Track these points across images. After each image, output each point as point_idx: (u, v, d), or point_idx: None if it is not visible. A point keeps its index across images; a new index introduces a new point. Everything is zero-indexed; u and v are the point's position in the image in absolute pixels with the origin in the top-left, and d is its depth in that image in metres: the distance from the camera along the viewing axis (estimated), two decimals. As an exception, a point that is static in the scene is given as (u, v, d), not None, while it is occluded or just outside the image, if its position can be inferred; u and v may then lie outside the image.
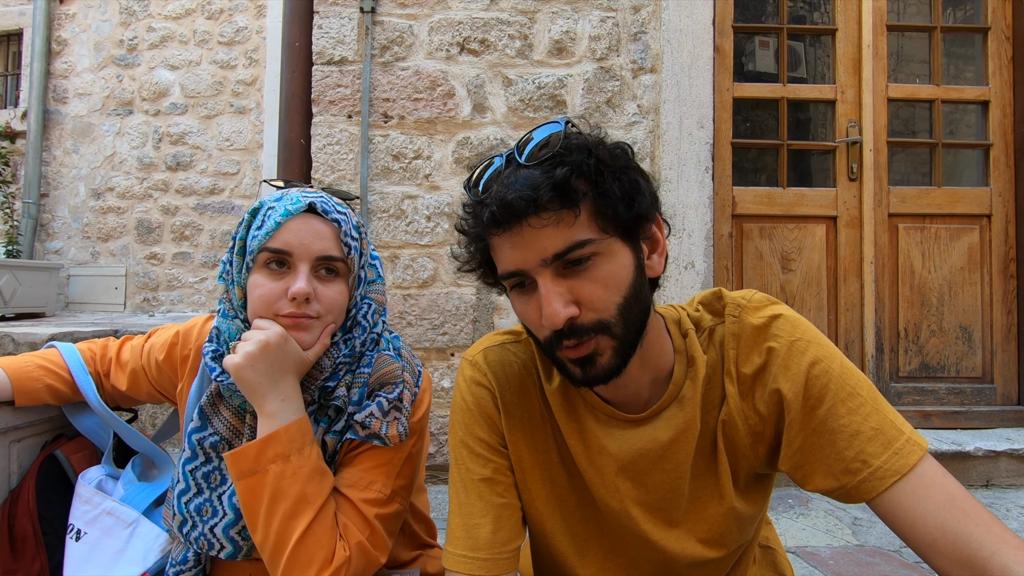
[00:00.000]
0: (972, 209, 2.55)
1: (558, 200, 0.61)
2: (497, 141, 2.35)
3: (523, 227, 0.62)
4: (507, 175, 0.65)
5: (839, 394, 0.65)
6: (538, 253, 0.63)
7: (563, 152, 0.63)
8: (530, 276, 0.65)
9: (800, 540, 1.80)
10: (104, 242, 4.91)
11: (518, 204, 0.61)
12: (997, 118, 2.57)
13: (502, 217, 0.63)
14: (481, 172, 0.68)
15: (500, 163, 0.67)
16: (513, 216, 0.62)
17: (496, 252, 0.68)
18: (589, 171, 0.63)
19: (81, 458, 1.03)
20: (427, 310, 2.33)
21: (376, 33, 2.37)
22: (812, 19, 3.75)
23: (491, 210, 0.63)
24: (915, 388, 2.49)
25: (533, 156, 0.64)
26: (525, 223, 0.62)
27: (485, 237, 0.68)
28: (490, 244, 0.68)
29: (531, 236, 0.63)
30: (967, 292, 2.53)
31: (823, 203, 2.55)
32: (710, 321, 0.75)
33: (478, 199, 0.67)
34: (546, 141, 0.65)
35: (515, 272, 0.65)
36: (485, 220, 0.64)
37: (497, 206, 0.63)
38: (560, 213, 0.62)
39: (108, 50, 4.93)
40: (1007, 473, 2.23)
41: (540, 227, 0.62)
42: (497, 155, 0.68)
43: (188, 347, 0.95)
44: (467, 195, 0.70)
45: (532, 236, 0.62)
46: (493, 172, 0.67)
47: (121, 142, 4.89)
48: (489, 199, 0.64)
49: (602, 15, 2.38)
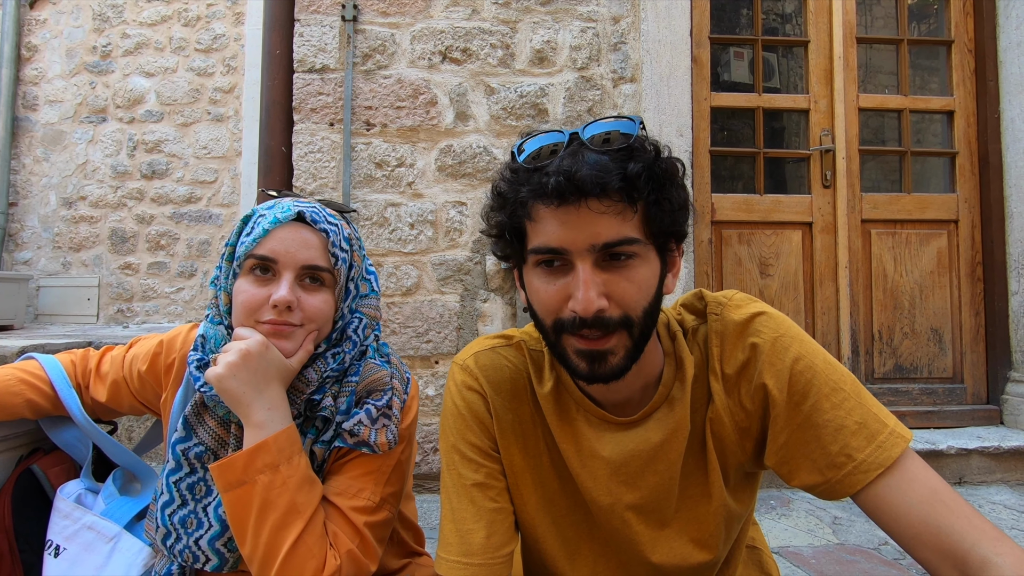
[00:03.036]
0: (940, 215, 2.64)
1: (624, 192, 0.61)
2: (480, 149, 2.36)
3: (580, 207, 0.61)
4: (572, 152, 0.63)
5: (823, 389, 0.66)
6: (589, 238, 0.62)
7: (639, 148, 0.63)
8: (569, 258, 0.63)
9: (783, 540, 1.83)
10: (76, 252, 4.79)
11: (587, 182, 0.60)
12: (962, 127, 2.67)
13: (567, 189, 0.61)
14: (533, 138, 0.67)
15: (560, 138, 0.66)
16: (577, 192, 0.60)
17: (538, 224, 0.65)
18: (656, 175, 0.63)
19: (59, 472, 1.00)
20: (411, 318, 2.32)
21: (358, 41, 2.37)
22: (784, 31, 3.85)
23: (556, 179, 0.61)
24: (890, 389, 2.56)
25: (602, 142, 0.64)
26: (584, 204, 0.61)
27: (529, 205, 0.65)
28: (532, 214, 0.65)
29: (587, 218, 0.61)
30: (937, 295, 2.61)
31: (799, 209, 2.61)
32: (692, 322, 0.76)
33: (535, 166, 0.64)
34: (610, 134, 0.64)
35: (555, 249, 0.64)
36: (548, 188, 0.62)
37: (565, 177, 0.61)
38: (622, 205, 0.62)
39: (81, 56, 4.83)
40: (978, 470, 2.30)
41: (599, 212, 0.61)
42: (553, 129, 0.67)
43: (172, 356, 0.93)
44: (515, 158, 0.67)
45: (588, 218, 0.61)
46: (549, 144, 0.65)
47: (94, 150, 4.79)
48: (552, 169, 0.62)
49: (582, 25, 2.42)
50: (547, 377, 0.78)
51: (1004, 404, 2.52)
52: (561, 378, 0.77)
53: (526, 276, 0.70)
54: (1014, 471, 2.31)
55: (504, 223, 0.69)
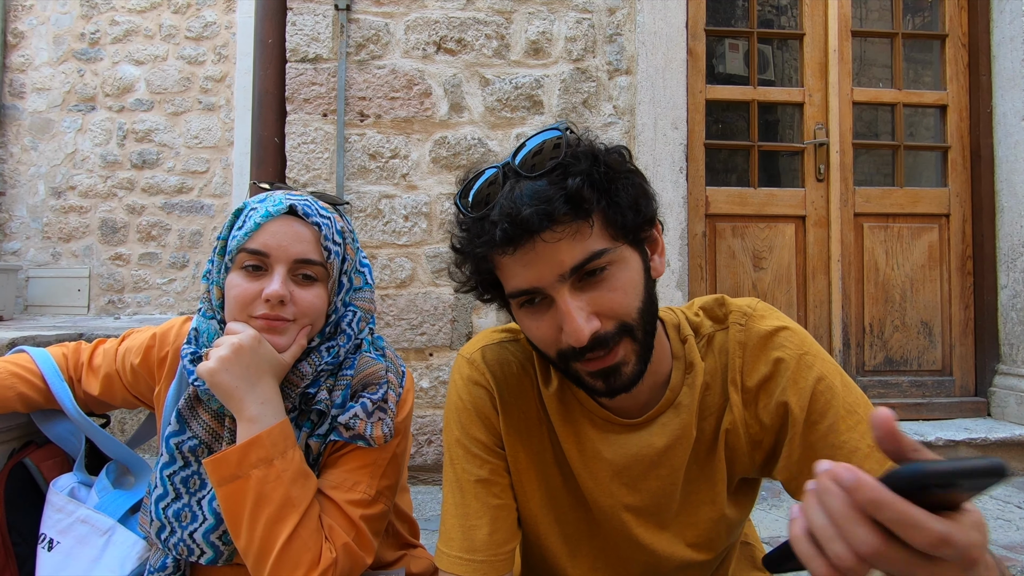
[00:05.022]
0: (932, 209, 2.65)
1: (572, 212, 0.58)
2: (475, 141, 2.35)
3: (535, 243, 0.58)
4: (509, 188, 0.60)
5: (840, 411, 0.66)
6: (554, 268, 0.59)
7: (571, 160, 0.60)
8: (545, 293, 0.61)
9: (773, 531, 1.85)
10: (66, 243, 4.74)
11: (532, 219, 0.57)
12: (954, 121, 2.68)
13: (514, 234, 0.58)
14: (471, 183, 0.64)
15: (493, 173, 0.63)
16: (526, 233, 0.58)
17: (504, 270, 0.63)
18: (600, 180, 0.60)
19: (52, 466, 1.00)
20: (405, 310, 2.32)
21: (351, 31, 2.34)
22: (779, 23, 3.85)
23: (502, 228, 0.58)
24: (880, 381, 2.58)
25: (535, 165, 0.61)
26: (538, 238, 0.58)
27: (490, 256, 0.63)
28: (494, 264, 0.63)
29: (545, 251, 0.59)
30: (927, 289, 2.64)
31: (792, 203, 2.62)
32: (710, 327, 0.74)
33: (479, 215, 0.62)
34: (541, 147, 0.61)
35: (528, 290, 0.62)
36: (495, 238, 0.59)
37: (509, 223, 0.58)
38: (575, 224, 0.58)
39: (68, 44, 4.75)
40: (965, 461, 2.33)
41: (554, 241, 0.58)
42: (488, 166, 0.64)
43: (165, 349, 0.93)
44: (460, 211, 0.65)
45: (546, 251, 0.59)
46: (485, 183, 0.63)
47: (83, 139, 4.72)
48: (495, 215, 0.59)
49: (578, 16, 2.40)
50: (552, 377, 0.77)
51: (991, 396, 2.56)
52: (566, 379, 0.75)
53: (516, 316, 0.68)
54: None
55: (474, 278, 0.68)
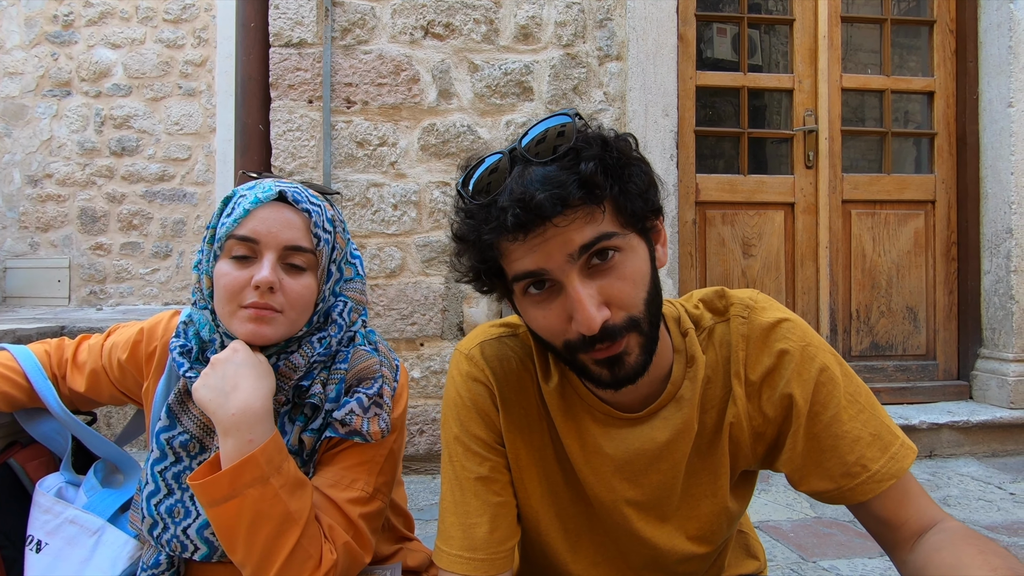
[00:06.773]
0: (918, 195, 2.68)
1: (585, 197, 0.57)
2: (464, 128, 2.32)
3: (546, 228, 0.58)
4: (518, 173, 0.59)
5: (842, 401, 0.67)
6: (563, 248, 0.58)
7: (583, 145, 0.59)
8: (553, 277, 0.60)
9: (763, 515, 1.88)
10: (44, 232, 4.63)
11: (546, 204, 0.56)
12: (941, 108, 2.70)
13: (527, 219, 0.57)
14: (473, 170, 0.63)
15: (497, 160, 0.62)
16: (539, 218, 0.57)
17: (509, 255, 0.62)
18: (613, 165, 0.59)
19: (37, 466, 0.97)
20: (395, 300, 2.30)
21: (336, 15, 2.29)
22: (768, 8, 3.83)
23: (513, 213, 0.57)
24: (866, 367, 2.62)
25: (543, 151, 0.60)
26: (550, 224, 0.57)
27: (496, 243, 0.61)
28: (501, 251, 0.62)
29: (557, 236, 0.58)
30: (913, 274, 2.67)
31: (781, 190, 2.63)
32: (711, 320, 0.74)
33: (486, 201, 0.61)
34: (548, 133, 0.60)
35: (534, 272, 0.60)
36: (506, 224, 0.58)
37: (521, 208, 0.57)
38: (587, 208, 0.58)
39: (41, 26, 4.60)
40: (948, 444, 2.39)
41: (565, 225, 0.58)
42: (490, 153, 0.63)
43: (154, 343, 0.91)
44: (463, 198, 0.64)
45: (557, 236, 0.58)
46: (487, 170, 0.62)
47: (59, 125, 4.60)
48: (504, 200, 0.58)
49: (568, 0, 2.36)
50: (552, 372, 0.76)
51: (974, 380, 2.61)
52: (566, 373, 0.75)
53: (519, 305, 0.67)
54: (981, 444, 2.40)
55: (476, 267, 0.66)
